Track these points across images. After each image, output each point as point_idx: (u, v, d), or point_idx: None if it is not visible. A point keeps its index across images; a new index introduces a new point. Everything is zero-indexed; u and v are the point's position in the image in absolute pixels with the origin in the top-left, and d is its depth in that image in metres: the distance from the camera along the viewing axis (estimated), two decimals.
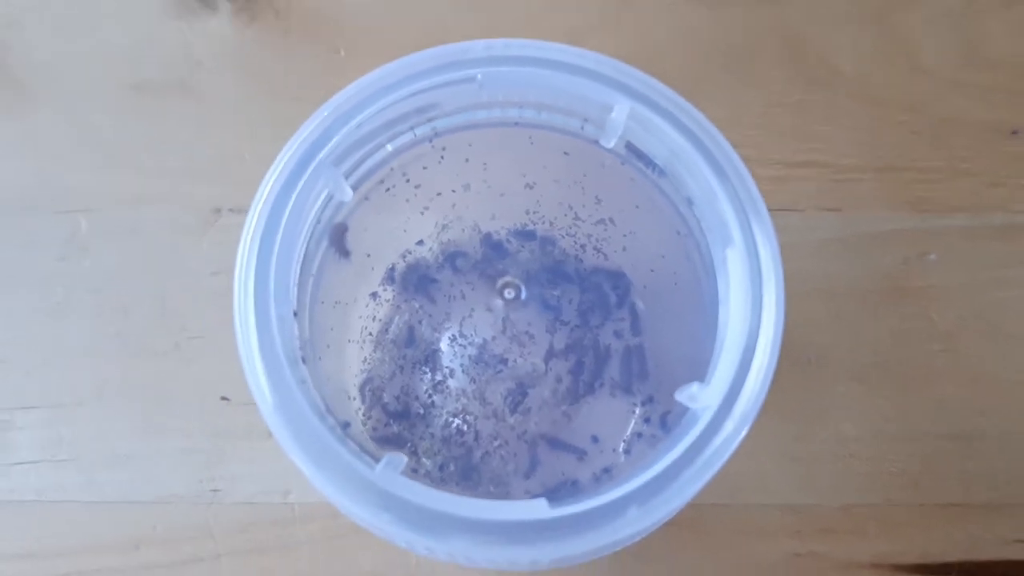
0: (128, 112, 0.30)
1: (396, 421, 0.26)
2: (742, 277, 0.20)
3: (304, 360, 0.20)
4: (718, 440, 0.19)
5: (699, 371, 0.20)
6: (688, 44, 0.30)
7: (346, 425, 0.21)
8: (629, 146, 0.22)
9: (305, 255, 0.21)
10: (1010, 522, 0.26)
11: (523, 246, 0.27)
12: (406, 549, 0.19)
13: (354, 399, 0.25)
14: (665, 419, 0.24)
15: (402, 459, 0.19)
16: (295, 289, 0.21)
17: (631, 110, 0.21)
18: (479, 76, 0.21)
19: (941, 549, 0.26)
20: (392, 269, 0.26)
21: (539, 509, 0.18)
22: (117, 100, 0.30)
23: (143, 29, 0.30)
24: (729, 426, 0.19)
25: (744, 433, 0.19)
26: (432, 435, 0.25)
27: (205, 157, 0.29)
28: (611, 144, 0.22)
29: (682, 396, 0.19)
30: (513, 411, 0.26)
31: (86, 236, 0.28)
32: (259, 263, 0.19)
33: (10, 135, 0.29)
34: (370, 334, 0.26)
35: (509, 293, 0.26)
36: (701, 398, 0.19)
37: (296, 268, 0.20)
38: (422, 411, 0.26)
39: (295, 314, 0.21)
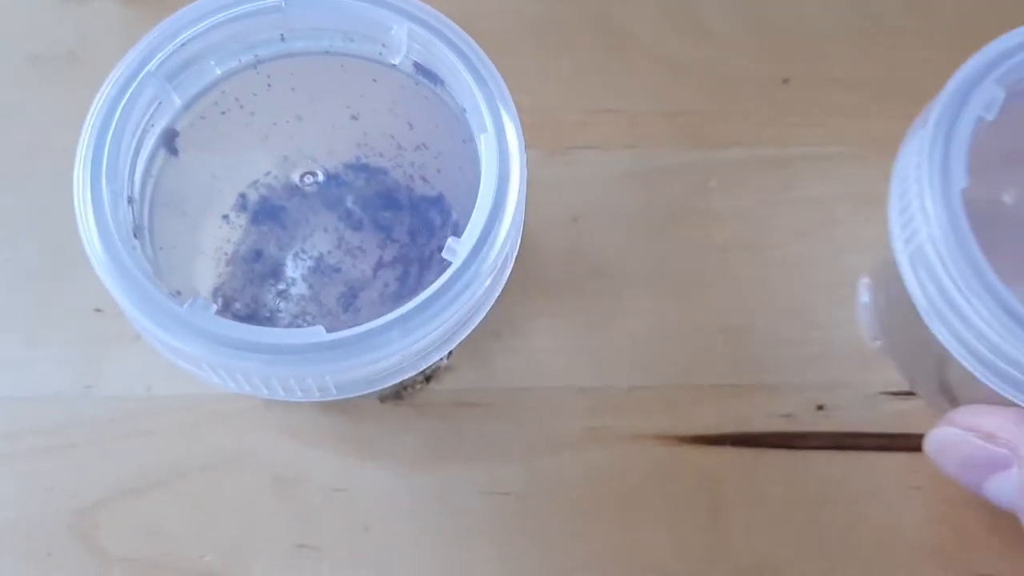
0: (23, 81, 0.34)
1: (246, 323, 0.30)
2: (492, 155, 0.24)
3: (136, 237, 0.25)
4: (466, 279, 0.23)
5: None
6: (503, 12, 0.35)
7: (177, 293, 0.26)
8: (416, 65, 0.27)
9: (141, 156, 0.26)
10: (774, 400, 0.30)
11: (358, 176, 0.31)
12: (215, 380, 0.23)
13: (206, 298, 0.29)
14: None
15: (211, 305, 0.23)
16: (129, 180, 0.25)
17: (409, 29, 0.25)
18: (283, 3, 0.25)
19: (716, 423, 0.30)
20: (244, 197, 0.31)
21: (317, 334, 0.23)
22: (14, 71, 0.34)
23: (36, 10, 0.35)
24: (479, 268, 0.23)
25: (488, 274, 0.23)
26: None
27: None
28: (398, 61, 0.26)
29: (446, 252, 0.24)
30: (345, 310, 0.30)
31: None
32: (94, 150, 0.24)
33: None
34: (225, 253, 0.31)
35: (346, 217, 0.31)
36: (457, 251, 0.24)
37: (129, 161, 0.25)
38: (268, 315, 0.30)
39: (130, 200, 0.25)
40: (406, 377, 0.24)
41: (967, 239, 0.23)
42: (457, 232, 0.30)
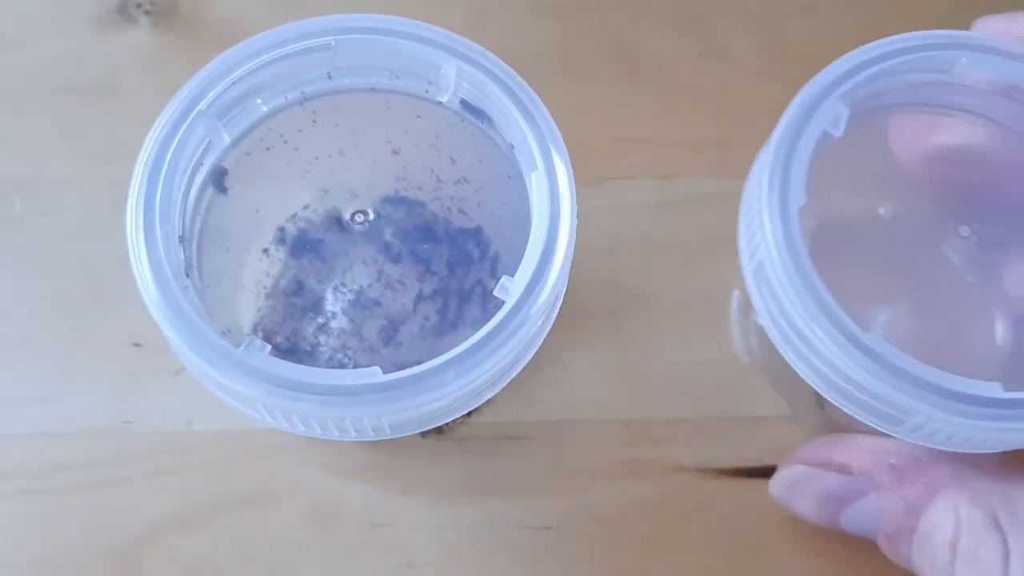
0: (58, 111, 0.34)
1: (287, 358, 0.30)
2: (542, 194, 0.24)
3: (188, 276, 0.25)
4: (520, 318, 0.23)
5: None
6: (534, 48, 0.35)
7: (227, 332, 0.26)
8: (463, 103, 0.27)
9: (191, 194, 0.26)
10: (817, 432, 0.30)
11: (396, 209, 0.31)
12: (268, 421, 0.23)
13: (247, 335, 0.29)
14: None
15: (266, 345, 0.23)
16: (180, 220, 0.25)
17: (458, 68, 0.26)
18: (333, 42, 0.26)
19: (757, 455, 0.30)
20: (282, 231, 0.31)
21: (373, 375, 0.23)
22: (49, 102, 0.35)
23: (70, 42, 0.35)
24: (532, 309, 0.23)
25: (542, 314, 0.23)
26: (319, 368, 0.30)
27: (125, 146, 0.33)
28: (446, 99, 0.26)
29: (498, 291, 0.24)
30: (386, 344, 0.30)
31: (20, 214, 0.33)
32: (147, 190, 0.24)
33: None
34: (264, 287, 0.31)
35: (385, 250, 0.31)
36: (510, 290, 0.24)
37: (180, 200, 0.25)
38: (309, 348, 0.30)
39: (181, 239, 0.25)
40: (458, 416, 0.24)
41: (801, 257, 0.23)
42: (497, 265, 0.30)
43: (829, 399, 0.24)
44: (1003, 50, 0.26)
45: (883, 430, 0.24)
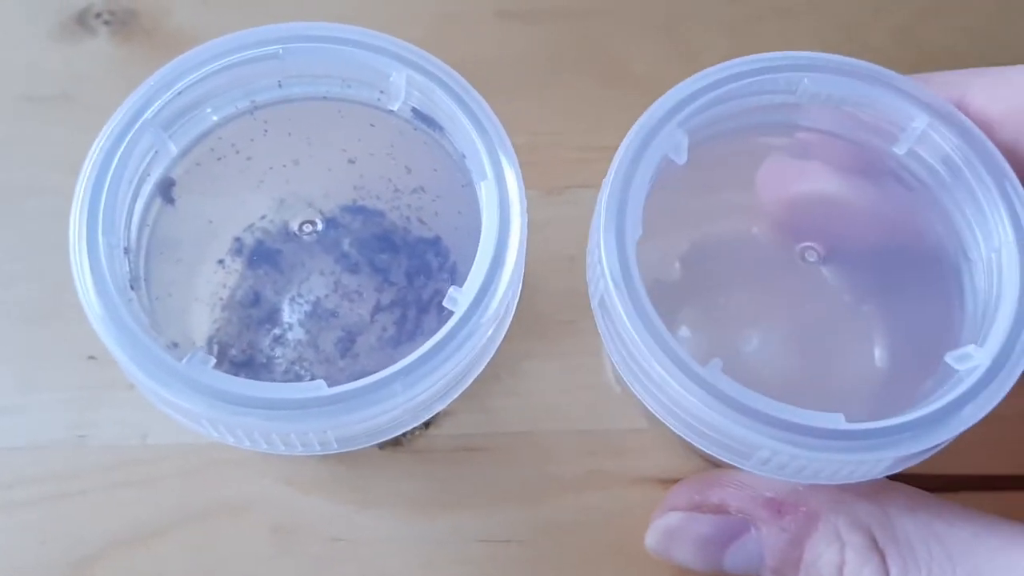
0: (17, 120, 0.34)
1: (241, 370, 0.30)
2: (492, 203, 0.24)
3: (133, 289, 0.24)
4: (468, 329, 0.23)
5: None
6: (502, 54, 0.35)
7: (174, 345, 0.25)
8: (414, 111, 0.26)
9: (137, 205, 0.25)
10: None
11: (355, 219, 0.31)
12: (214, 435, 0.23)
13: (202, 348, 0.29)
14: None
15: (209, 358, 0.23)
16: (125, 231, 0.25)
17: (407, 76, 0.25)
18: (281, 50, 0.25)
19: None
20: (239, 241, 0.31)
21: (318, 388, 0.22)
22: (8, 110, 0.34)
23: (31, 51, 0.35)
24: (481, 319, 0.23)
25: (491, 324, 0.23)
26: (274, 380, 0.29)
27: (84, 155, 0.33)
28: (397, 107, 0.26)
29: (447, 302, 0.24)
30: (343, 356, 0.30)
31: None
32: (91, 201, 0.24)
33: None
34: (220, 299, 0.30)
35: (343, 260, 0.31)
36: (459, 300, 0.23)
37: (125, 211, 0.24)
38: (265, 361, 0.30)
39: (126, 251, 0.25)
40: (407, 429, 0.24)
41: (638, 292, 0.23)
42: (456, 275, 0.30)
43: (681, 435, 0.23)
44: (844, 68, 0.26)
45: (733, 464, 0.23)
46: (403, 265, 0.31)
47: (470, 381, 0.24)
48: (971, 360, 0.23)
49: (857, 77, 0.26)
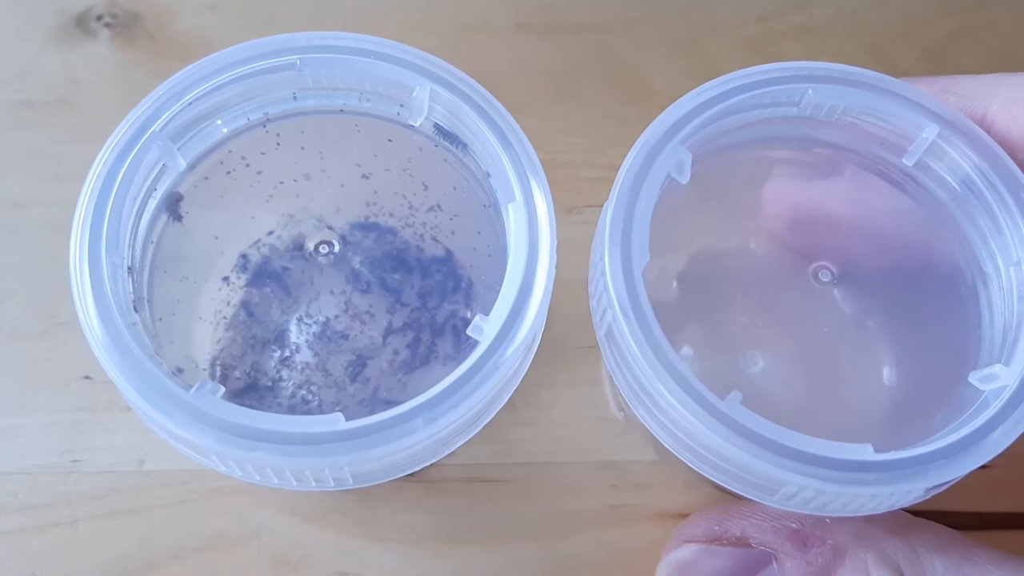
0: (13, 126, 0.33)
1: (246, 394, 0.28)
2: (520, 226, 0.23)
3: (136, 310, 0.23)
4: (495, 360, 0.21)
5: None
6: (521, 67, 0.34)
7: (179, 371, 0.24)
8: (437, 127, 0.25)
9: (142, 221, 0.24)
10: None
11: (367, 236, 0.30)
12: (221, 469, 0.22)
13: (204, 370, 0.28)
14: None
15: (219, 388, 0.21)
16: (129, 249, 0.23)
17: (431, 91, 0.24)
18: (298, 61, 0.24)
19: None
20: (245, 257, 0.29)
21: (335, 422, 0.21)
22: (3, 116, 0.33)
23: (27, 54, 0.33)
24: (507, 351, 0.22)
25: (519, 356, 0.22)
26: (280, 404, 0.28)
27: (83, 163, 0.31)
28: (418, 123, 0.25)
29: (471, 331, 0.22)
30: (353, 380, 0.28)
31: None
32: (93, 218, 0.22)
33: None
34: (224, 317, 0.29)
35: (354, 279, 0.29)
36: (485, 330, 0.22)
37: (130, 228, 0.23)
38: (270, 384, 0.28)
39: (130, 270, 0.23)
40: (427, 464, 0.23)
41: (650, 326, 0.22)
42: (471, 297, 0.28)
43: (701, 472, 0.22)
44: (848, 78, 0.25)
45: (757, 499, 0.22)
46: (416, 285, 0.29)
47: (493, 414, 0.23)
48: (997, 380, 0.22)
49: (862, 87, 0.25)
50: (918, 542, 0.23)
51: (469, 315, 0.29)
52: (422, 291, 0.29)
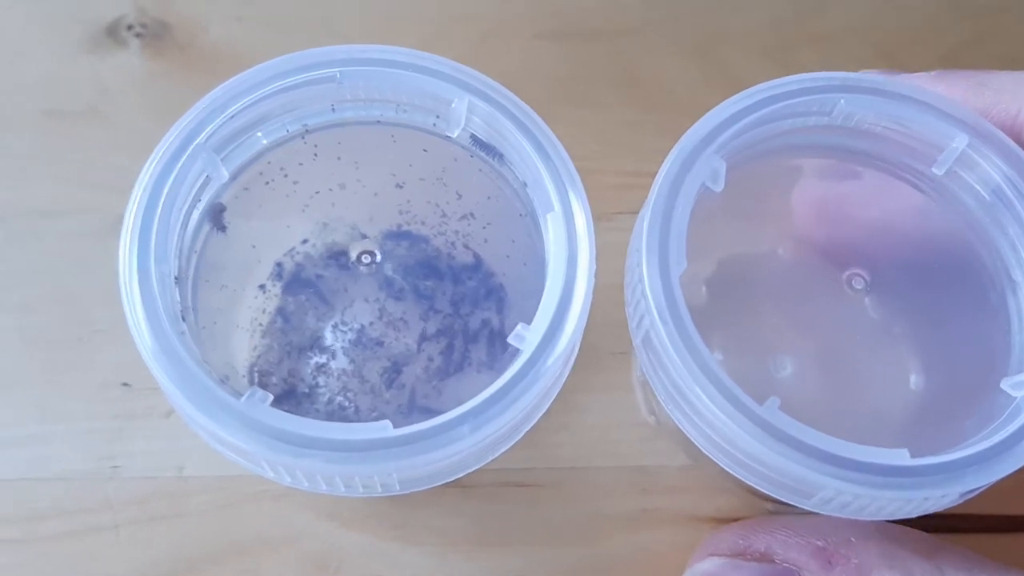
0: (42, 135, 0.33)
1: (283, 400, 0.28)
2: (559, 237, 0.23)
3: (184, 319, 0.23)
4: (537, 369, 0.22)
5: None
6: (537, 74, 0.34)
7: (225, 379, 0.24)
8: (473, 138, 0.26)
9: (187, 231, 0.24)
10: None
11: (399, 244, 0.30)
12: (270, 476, 0.22)
13: (243, 377, 0.28)
14: None
15: (268, 396, 0.22)
16: (176, 259, 0.24)
17: (469, 102, 0.24)
18: (338, 74, 0.24)
19: (775, 506, 0.29)
20: (280, 266, 0.29)
21: (384, 429, 0.21)
22: (32, 125, 0.33)
23: (57, 63, 0.34)
24: (549, 360, 0.22)
25: (560, 364, 0.22)
26: (317, 411, 0.28)
27: (112, 172, 0.32)
28: (455, 134, 0.25)
29: (513, 339, 0.23)
30: (389, 387, 0.29)
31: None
32: (142, 228, 0.22)
33: None
34: (260, 324, 0.29)
35: (387, 287, 0.30)
36: (527, 339, 0.22)
37: (176, 238, 0.23)
38: (307, 390, 0.29)
39: (176, 279, 0.24)
40: (470, 471, 0.23)
41: (688, 332, 0.22)
42: (504, 305, 0.29)
43: (738, 476, 0.23)
44: (879, 88, 0.25)
45: (793, 503, 0.22)
46: (448, 292, 0.30)
47: (535, 420, 0.23)
48: None
49: (893, 97, 0.25)
50: (946, 565, 0.23)
51: (503, 322, 0.29)
52: (454, 298, 0.30)
